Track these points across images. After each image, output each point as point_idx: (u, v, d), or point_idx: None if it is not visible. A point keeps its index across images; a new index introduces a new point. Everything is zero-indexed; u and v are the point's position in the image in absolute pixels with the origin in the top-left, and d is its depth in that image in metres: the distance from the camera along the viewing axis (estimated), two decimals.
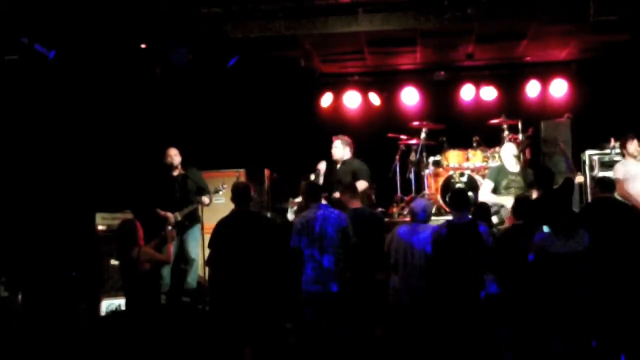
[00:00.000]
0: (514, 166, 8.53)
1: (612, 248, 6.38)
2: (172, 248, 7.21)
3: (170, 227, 7.60)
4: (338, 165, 8.56)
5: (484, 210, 7.01)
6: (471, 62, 10.63)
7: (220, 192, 8.83)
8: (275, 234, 6.67)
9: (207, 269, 8.72)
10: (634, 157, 8.27)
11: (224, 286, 6.41)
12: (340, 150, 8.50)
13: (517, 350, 6.12)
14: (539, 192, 7.20)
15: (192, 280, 8.52)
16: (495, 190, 8.41)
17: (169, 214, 8.31)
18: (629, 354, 6.04)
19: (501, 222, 7.97)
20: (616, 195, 7.31)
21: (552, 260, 6.02)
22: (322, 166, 8.70)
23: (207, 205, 8.59)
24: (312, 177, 8.54)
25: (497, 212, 8.07)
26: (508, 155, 8.59)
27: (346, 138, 8.63)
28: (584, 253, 6.05)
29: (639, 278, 6.31)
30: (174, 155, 8.62)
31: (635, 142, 8.27)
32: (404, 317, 6.40)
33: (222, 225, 6.49)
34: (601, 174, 9.52)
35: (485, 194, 8.35)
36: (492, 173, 8.64)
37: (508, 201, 7.91)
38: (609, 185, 7.02)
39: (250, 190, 6.62)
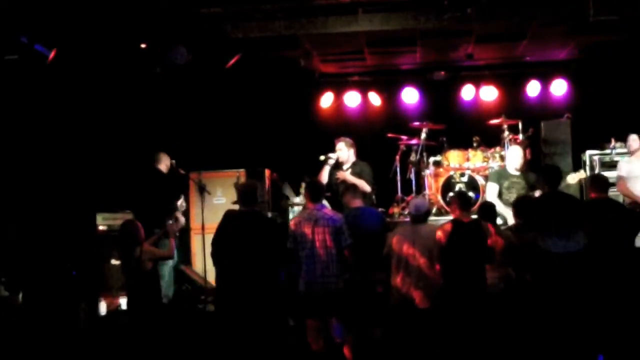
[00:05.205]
0: (516, 168, 8.50)
1: (608, 248, 6.38)
2: (173, 242, 7.20)
3: (170, 222, 7.58)
4: (345, 167, 8.48)
5: (489, 209, 7.00)
6: (471, 62, 10.64)
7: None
8: (277, 234, 6.66)
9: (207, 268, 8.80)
10: (632, 153, 8.36)
11: (223, 285, 6.42)
12: (345, 152, 8.32)
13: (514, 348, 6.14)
14: (544, 190, 7.13)
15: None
16: (498, 192, 8.41)
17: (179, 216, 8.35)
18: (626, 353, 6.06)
19: (505, 224, 7.94)
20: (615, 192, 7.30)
21: (550, 259, 6.02)
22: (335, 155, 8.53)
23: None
24: (331, 156, 8.27)
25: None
26: (514, 157, 8.53)
27: (348, 139, 8.50)
28: (581, 252, 6.05)
29: (632, 278, 6.33)
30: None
31: (632, 136, 8.38)
32: (404, 317, 6.40)
33: (223, 224, 6.50)
34: (602, 174, 9.55)
35: (491, 199, 8.32)
36: (494, 175, 8.61)
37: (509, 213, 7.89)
38: (604, 185, 6.99)
39: (256, 191, 6.62)
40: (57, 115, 9.16)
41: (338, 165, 8.33)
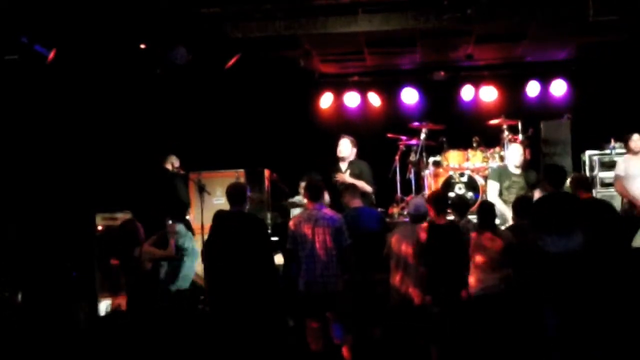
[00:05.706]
0: (516, 167, 8.50)
1: (607, 247, 6.39)
2: (173, 242, 7.18)
3: (170, 222, 7.56)
4: (343, 166, 8.47)
5: (488, 209, 6.98)
6: (471, 63, 10.66)
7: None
8: (265, 234, 6.64)
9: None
10: (635, 153, 8.39)
11: (214, 286, 6.42)
12: (348, 148, 8.38)
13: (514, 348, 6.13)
14: (547, 189, 7.10)
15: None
16: (498, 191, 8.40)
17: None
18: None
19: (504, 224, 7.93)
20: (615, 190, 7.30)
21: (550, 258, 6.02)
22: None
23: None
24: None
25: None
26: (514, 156, 8.53)
27: (352, 138, 8.54)
28: (581, 251, 6.05)
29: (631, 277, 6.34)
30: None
31: (635, 136, 8.39)
32: (403, 316, 6.41)
33: (213, 227, 6.49)
34: (601, 174, 9.58)
35: (492, 198, 8.32)
36: (494, 174, 8.61)
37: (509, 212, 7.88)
38: (590, 185, 7.02)
39: (246, 191, 6.58)
40: (57, 116, 9.16)
41: (337, 165, 8.36)
